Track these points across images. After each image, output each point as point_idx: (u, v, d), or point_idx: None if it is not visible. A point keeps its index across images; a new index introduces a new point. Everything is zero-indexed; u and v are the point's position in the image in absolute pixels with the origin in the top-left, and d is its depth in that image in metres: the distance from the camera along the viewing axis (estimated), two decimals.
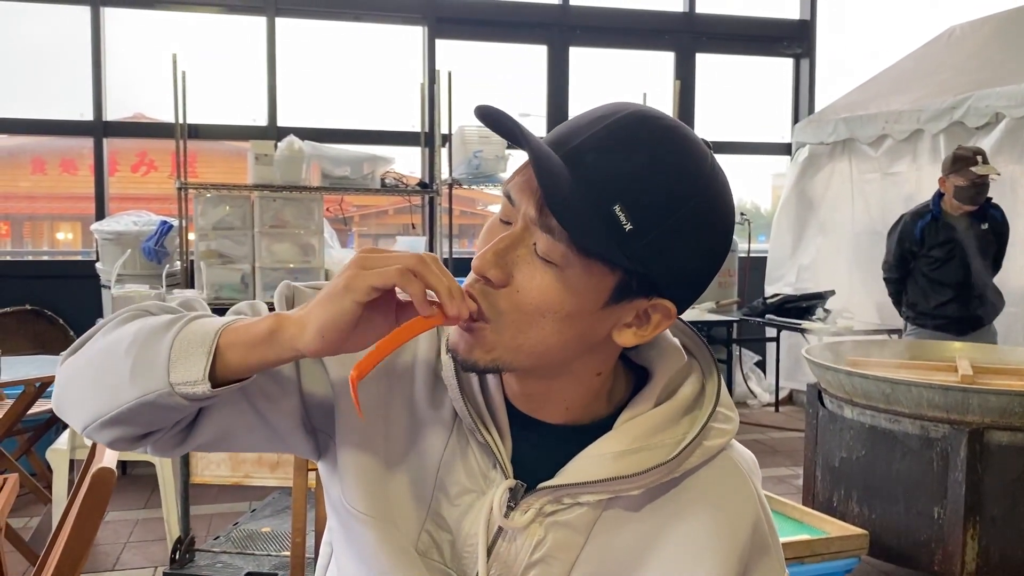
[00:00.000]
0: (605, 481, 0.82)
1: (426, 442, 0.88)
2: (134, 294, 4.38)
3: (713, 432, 0.86)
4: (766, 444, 5.06)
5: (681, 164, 0.76)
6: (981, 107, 4.63)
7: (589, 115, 0.79)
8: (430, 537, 0.88)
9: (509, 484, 0.85)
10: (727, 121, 6.59)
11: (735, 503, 0.88)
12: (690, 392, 0.87)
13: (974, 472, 2.70)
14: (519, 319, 0.78)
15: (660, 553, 0.86)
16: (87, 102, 5.46)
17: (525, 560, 0.86)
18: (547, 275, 0.76)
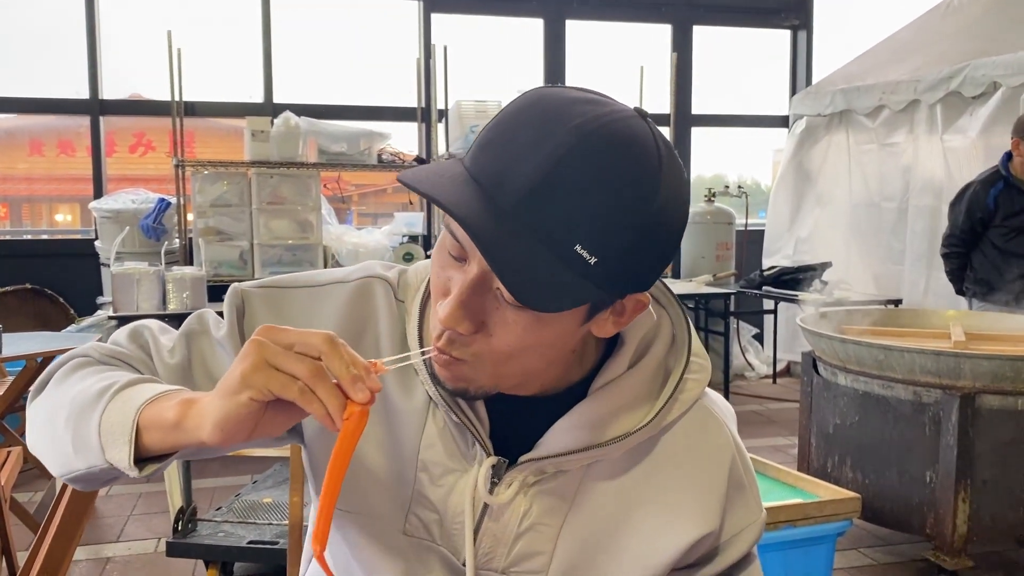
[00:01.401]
0: (585, 450, 0.83)
1: (402, 428, 0.88)
2: (133, 271, 4.40)
3: (688, 384, 0.87)
4: (763, 415, 5.10)
5: (634, 183, 0.70)
6: (978, 76, 4.62)
7: (522, 135, 0.71)
8: (418, 518, 0.88)
9: (491, 462, 0.84)
10: (725, 94, 6.57)
11: (713, 451, 0.90)
12: (662, 349, 0.87)
13: (965, 436, 2.73)
14: (498, 359, 0.77)
15: (645, 508, 0.87)
16: (83, 81, 5.46)
17: (513, 532, 0.87)
18: (519, 317, 0.74)
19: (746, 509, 0.91)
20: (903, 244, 5.30)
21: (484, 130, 0.75)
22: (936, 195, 5.03)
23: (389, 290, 0.90)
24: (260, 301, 0.91)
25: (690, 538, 0.87)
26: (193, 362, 0.90)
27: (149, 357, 0.90)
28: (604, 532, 0.87)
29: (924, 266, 5.12)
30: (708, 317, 5.68)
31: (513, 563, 0.88)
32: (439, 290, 0.77)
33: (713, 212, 5.95)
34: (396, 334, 0.89)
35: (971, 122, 4.74)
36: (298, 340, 0.69)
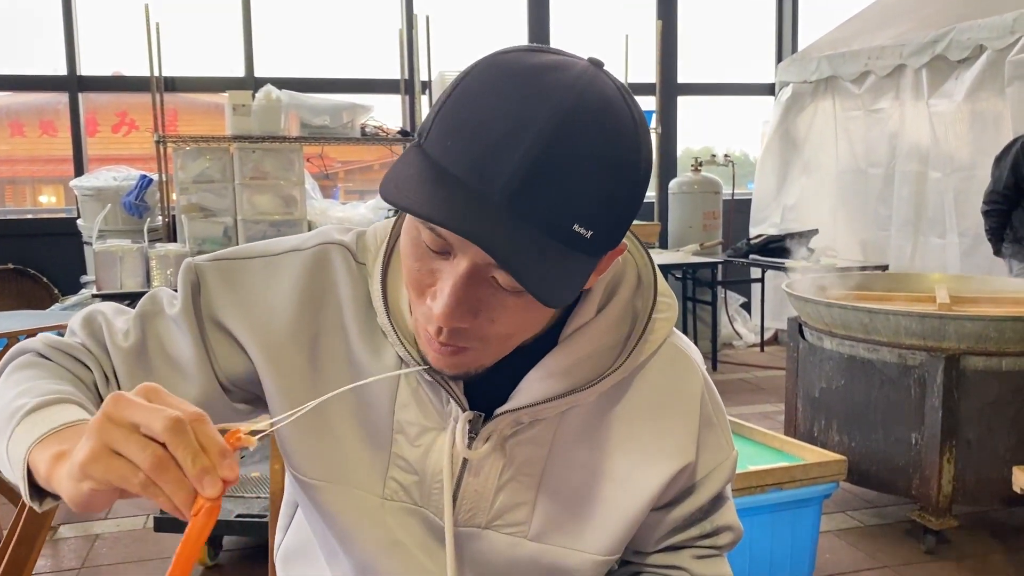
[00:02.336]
0: (560, 397, 0.82)
1: (373, 391, 0.86)
2: (116, 249, 4.36)
3: (657, 324, 0.86)
4: (751, 383, 5.11)
5: (620, 150, 0.70)
6: (963, 40, 4.60)
7: (496, 120, 0.67)
8: (396, 482, 0.87)
9: (468, 417, 0.84)
10: (710, 62, 6.53)
11: (684, 388, 0.90)
12: (628, 292, 0.86)
13: (950, 398, 2.74)
14: (503, 339, 0.77)
15: (621, 449, 0.88)
16: (61, 58, 5.38)
17: (494, 485, 0.86)
18: (519, 303, 0.73)
19: (718, 447, 0.92)
20: (890, 210, 5.30)
21: (444, 110, 0.70)
22: (922, 160, 5.03)
23: (348, 255, 0.88)
24: (215, 275, 0.88)
25: (667, 473, 0.87)
26: (148, 344, 0.87)
27: (101, 344, 0.88)
28: (583, 477, 0.87)
29: (911, 232, 5.12)
30: (696, 287, 5.68)
31: (496, 517, 0.87)
32: (420, 283, 0.74)
33: (700, 181, 5.92)
34: (359, 298, 0.87)
35: (957, 86, 4.72)
36: (144, 421, 0.61)
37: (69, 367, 0.85)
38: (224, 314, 0.87)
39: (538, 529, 0.87)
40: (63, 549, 3.02)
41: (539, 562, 0.88)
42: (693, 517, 0.93)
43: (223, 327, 0.88)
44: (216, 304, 0.88)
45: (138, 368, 0.86)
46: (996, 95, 4.47)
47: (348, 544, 0.90)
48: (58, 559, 2.94)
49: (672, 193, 6.02)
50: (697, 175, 5.95)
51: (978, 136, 4.64)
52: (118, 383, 0.86)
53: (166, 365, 0.87)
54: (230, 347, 0.88)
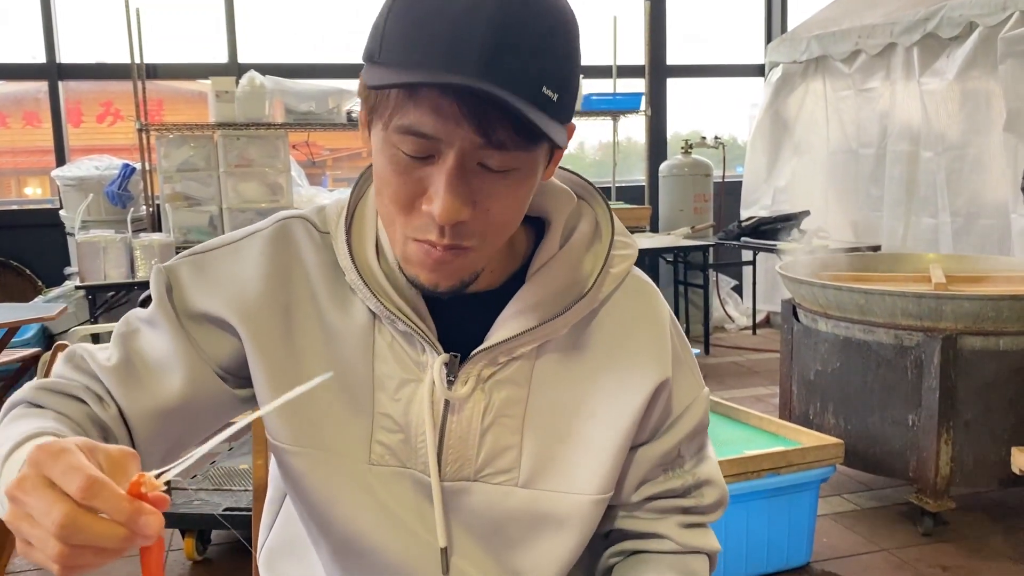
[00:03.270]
0: (533, 329, 0.84)
1: (349, 351, 0.87)
2: (99, 239, 4.29)
3: (617, 259, 0.90)
4: (744, 366, 5.08)
5: (565, 16, 0.74)
6: (954, 17, 4.55)
7: (448, 9, 0.69)
8: (382, 445, 0.87)
9: (443, 359, 0.84)
10: (700, 43, 6.47)
11: (653, 311, 0.93)
12: (588, 228, 0.90)
13: (947, 378, 2.71)
14: (501, 230, 0.78)
15: (599, 377, 0.89)
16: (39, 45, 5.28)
17: (478, 428, 0.86)
18: (508, 183, 0.75)
19: (689, 385, 0.94)
20: (881, 190, 5.27)
21: (393, 16, 0.72)
22: (913, 140, 4.99)
23: (309, 226, 0.90)
24: (184, 270, 0.90)
25: (647, 389, 0.89)
26: (132, 359, 0.88)
27: (89, 373, 0.88)
28: (566, 416, 0.88)
29: (903, 212, 5.09)
30: (687, 270, 5.64)
31: (484, 465, 0.87)
32: (409, 196, 0.75)
33: (690, 164, 5.88)
34: (325, 263, 0.88)
35: (948, 64, 4.68)
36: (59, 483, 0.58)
37: (57, 407, 0.83)
38: (200, 301, 0.88)
39: (528, 475, 0.88)
40: None
41: (533, 510, 0.88)
42: (672, 457, 0.93)
43: (202, 314, 0.88)
44: (189, 295, 0.89)
45: (129, 381, 0.86)
46: (988, 73, 4.43)
47: (333, 516, 0.88)
48: None
49: (662, 176, 5.97)
50: (687, 158, 5.90)
51: (970, 115, 4.60)
52: (115, 402, 0.86)
53: (152, 369, 0.87)
54: (212, 332, 0.88)
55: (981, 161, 4.54)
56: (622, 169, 6.32)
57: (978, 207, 4.56)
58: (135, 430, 0.85)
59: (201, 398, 0.88)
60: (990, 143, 4.47)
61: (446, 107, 0.69)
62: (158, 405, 0.86)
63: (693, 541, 0.94)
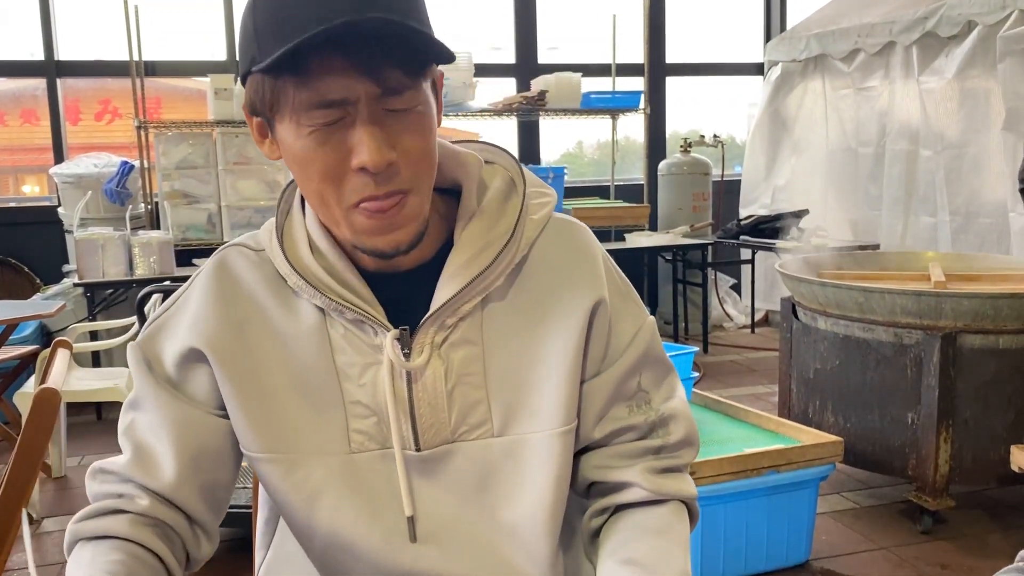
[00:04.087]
0: (469, 284, 0.89)
1: (306, 351, 0.91)
2: (97, 237, 4.28)
3: (535, 207, 0.95)
4: (743, 364, 5.09)
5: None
6: (954, 16, 4.55)
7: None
8: (359, 433, 0.91)
9: (394, 334, 0.89)
10: (699, 41, 6.47)
11: (579, 241, 0.97)
12: (501, 184, 0.95)
13: (947, 376, 2.71)
14: (425, 165, 0.84)
15: (544, 317, 0.93)
16: (37, 42, 5.27)
17: (443, 392, 0.90)
18: (414, 120, 0.82)
19: (632, 312, 0.98)
20: (880, 189, 5.27)
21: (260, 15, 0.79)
22: (912, 139, 4.99)
23: (243, 249, 0.96)
24: (152, 337, 0.95)
25: (584, 310, 0.93)
26: (138, 448, 0.92)
27: (114, 478, 0.93)
28: (521, 360, 0.92)
29: (901, 211, 5.10)
30: (686, 268, 5.64)
31: (458, 424, 0.91)
32: (335, 163, 0.81)
33: (689, 163, 5.88)
34: (265, 278, 0.93)
35: (947, 63, 4.68)
36: None
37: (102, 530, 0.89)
38: (173, 350, 0.93)
39: (500, 423, 0.92)
40: (47, 543, 2.96)
41: (511, 456, 0.92)
42: (632, 390, 0.95)
43: (179, 361, 0.93)
44: (164, 354, 0.94)
45: (145, 467, 0.91)
46: (987, 72, 4.43)
47: (315, 519, 0.91)
48: (42, 553, 2.89)
49: (661, 175, 5.97)
50: (686, 156, 5.90)
51: (969, 113, 4.60)
52: (145, 489, 0.91)
53: (155, 447, 0.92)
54: (195, 372, 0.93)
55: (980, 160, 4.54)
56: (621, 168, 6.32)
57: (977, 206, 4.56)
58: (174, 500, 0.91)
59: (209, 443, 0.92)
60: (989, 142, 4.47)
61: (338, 67, 0.76)
62: (177, 472, 0.90)
63: (665, 487, 0.94)
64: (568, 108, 5.40)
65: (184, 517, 0.92)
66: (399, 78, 0.78)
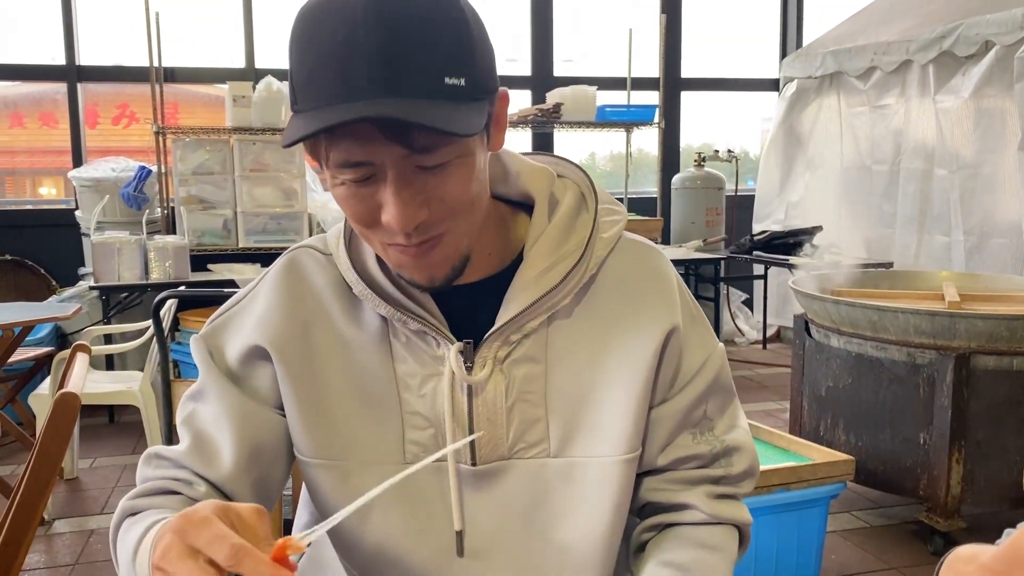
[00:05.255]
0: (537, 302, 0.88)
1: (368, 358, 0.91)
2: (114, 240, 4.32)
3: (606, 224, 0.94)
4: (754, 380, 5.08)
5: (440, 5, 0.75)
6: (971, 35, 4.55)
7: (329, 33, 0.73)
8: (415, 444, 0.91)
9: (458, 347, 0.88)
10: (715, 57, 6.48)
11: (653, 264, 0.96)
12: (573, 200, 0.93)
13: (960, 397, 2.70)
14: (465, 209, 0.81)
15: (611, 336, 0.91)
16: (59, 47, 5.32)
17: (503, 408, 0.90)
18: (450, 173, 0.78)
19: (704, 338, 0.97)
20: (894, 207, 5.26)
21: (291, 72, 0.77)
22: (927, 158, 4.98)
23: (313, 252, 0.96)
24: (218, 331, 0.96)
25: (657, 339, 0.91)
26: (198, 437, 0.92)
27: (169, 463, 0.93)
28: (585, 382, 0.91)
29: (915, 229, 5.08)
30: (698, 283, 5.64)
31: (516, 441, 0.90)
32: (370, 215, 0.79)
33: (703, 177, 5.88)
34: (333, 282, 0.93)
35: (964, 82, 4.68)
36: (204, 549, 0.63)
37: (155, 505, 0.88)
38: (237, 346, 0.94)
39: (558, 444, 0.90)
40: (58, 544, 2.98)
41: (567, 477, 0.91)
42: (697, 418, 0.94)
43: (243, 356, 0.93)
44: (228, 348, 0.94)
45: (204, 456, 0.91)
46: (1003, 92, 4.43)
47: (364, 529, 0.90)
48: (52, 554, 2.90)
49: (675, 189, 5.97)
50: (700, 171, 5.91)
51: (984, 133, 4.59)
52: (202, 478, 0.90)
53: (215, 437, 0.91)
54: (257, 369, 0.93)
55: (995, 180, 4.53)
56: (634, 180, 6.33)
57: (991, 226, 4.55)
58: (228, 491, 0.90)
59: (267, 439, 0.92)
60: (1005, 162, 4.46)
61: (365, 133, 0.73)
62: (235, 464, 0.90)
63: (722, 512, 0.94)
64: (583, 121, 5.42)
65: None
66: (429, 138, 0.75)
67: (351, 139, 0.74)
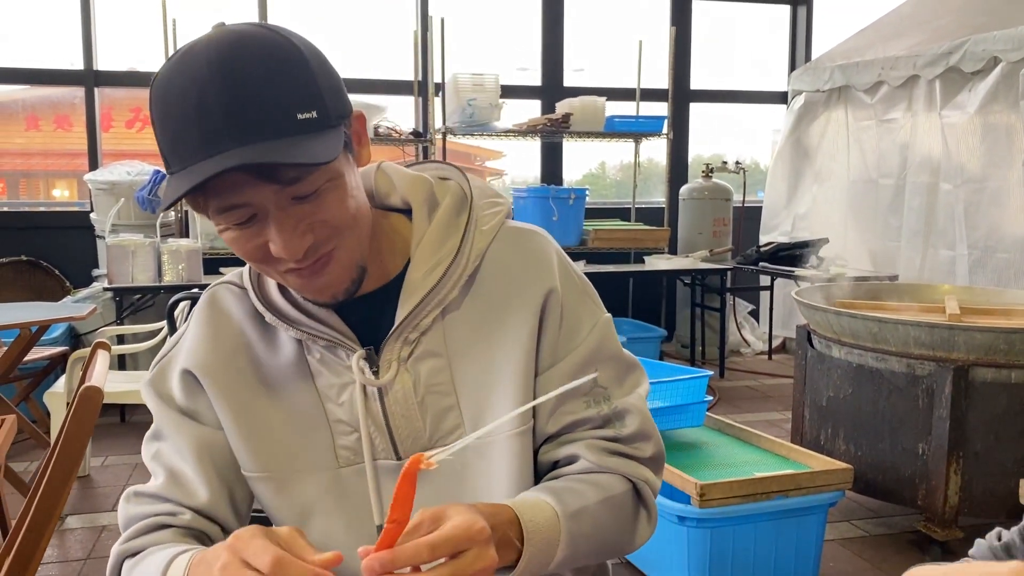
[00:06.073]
0: (424, 299, 0.95)
1: (290, 379, 0.98)
2: (128, 243, 4.39)
3: (486, 216, 1.01)
4: (758, 390, 5.11)
5: (279, 47, 0.82)
6: (978, 51, 4.59)
7: (179, 100, 0.80)
8: (345, 448, 0.98)
9: (360, 354, 0.95)
10: (724, 70, 6.53)
11: (533, 252, 1.01)
12: (451, 201, 1.00)
13: (958, 408, 2.74)
14: (349, 224, 0.88)
15: (501, 320, 0.98)
16: (77, 51, 5.41)
17: (414, 403, 0.96)
18: (325, 196, 0.84)
19: (588, 307, 1.03)
20: (900, 221, 5.29)
21: (158, 133, 0.84)
22: (933, 172, 5.02)
23: (230, 286, 1.04)
24: (162, 373, 1.03)
25: (536, 304, 0.98)
26: (171, 471, 0.99)
27: (150, 499, 0.99)
28: (483, 360, 0.97)
29: (920, 243, 5.12)
30: (704, 293, 5.68)
31: (433, 431, 0.97)
32: (257, 252, 0.86)
33: (710, 188, 5.93)
34: (249, 314, 1.01)
35: (970, 98, 4.72)
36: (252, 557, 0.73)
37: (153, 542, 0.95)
38: (179, 385, 1.01)
39: (472, 426, 0.97)
40: (70, 539, 3.04)
41: (483, 456, 0.97)
42: (589, 386, 0.99)
43: (188, 388, 1.00)
44: (174, 390, 1.01)
45: (180, 486, 0.98)
46: (1009, 107, 4.46)
47: (310, 531, 0.96)
48: (65, 549, 2.96)
49: (682, 199, 6.02)
50: (708, 182, 5.96)
51: (990, 149, 4.63)
52: (184, 506, 0.98)
53: (184, 469, 0.98)
54: (201, 399, 1.00)
55: (1000, 195, 4.57)
56: (643, 190, 6.38)
57: (996, 241, 4.58)
58: (211, 514, 0.98)
59: (228, 459, 1.00)
60: (1010, 177, 4.50)
61: (237, 179, 0.80)
62: (209, 490, 0.97)
63: (610, 463, 0.98)
64: (592, 131, 5.47)
65: (219, 528, 0.99)
66: (295, 171, 0.81)
67: (226, 188, 0.81)
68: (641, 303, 6.13)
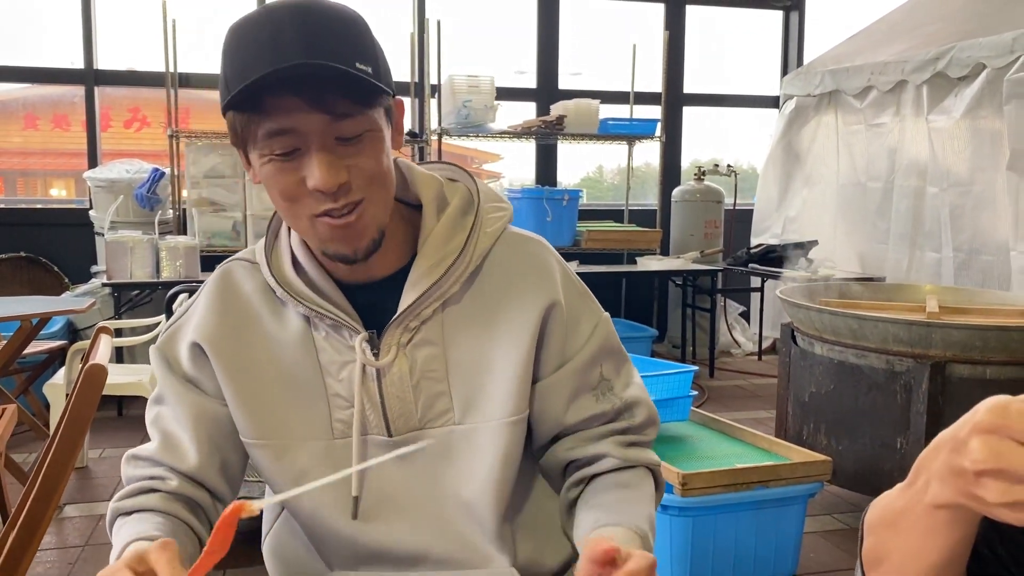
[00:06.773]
0: (427, 292, 1.01)
1: (294, 352, 1.05)
2: (127, 240, 4.45)
3: (490, 219, 1.07)
4: (747, 390, 5.18)
5: (354, 15, 0.92)
6: (963, 58, 4.67)
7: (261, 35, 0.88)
8: (340, 422, 1.05)
9: (363, 336, 1.02)
10: (716, 74, 6.61)
11: (535, 259, 1.09)
12: (459, 201, 1.07)
13: (935, 404, 2.81)
14: (378, 179, 0.95)
15: (499, 318, 1.05)
16: (78, 52, 5.48)
17: (409, 386, 1.04)
18: (365, 143, 0.92)
19: (590, 309, 1.11)
20: (888, 223, 5.37)
21: (226, 64, 0.91)
22: (920, 176, 5.10)
23: (242, 262, 1.10)
24: (170, 339, 1.09)
25: (537, 311, 1.05)
26: (166, 436, 1.07)
27: (146, 462, 1.07)
28: (477, 356, 1.04)
29: (907, 245, 5.20)
30: (695, 294, 5.75)
31: (424, 413, 1.04)
32: (294, 187, 0.92)
33: (702, 190, 6.00)
34: (260, 289, 1.07)
35: (956, 103, 4.80)
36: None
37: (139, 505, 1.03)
38: (186, 353, 1.07)
39: (461, 412, 1.04)
40: (67, 527, 3.10)
41: (470, 441, 1.04)
42: (595, 380, 1.08)
43: (192, 356, 1.06)
44: (180, 353, 1.08)
45: (173, 451, 1.06)
46: (994, 113, 4.54)
47: (300, 499, 1.04)
48: (62, 536, 3.03)
49: (674, 201, 6.10)
50: (700, 184, 6.03)
51: (975, 152, 4.71)
52: (174, 471, 1.05)
53: (179, 434, 1.06)
54: (206, 369, 1.06)
55: (985, 198, 4.65)
56: (638, 193, 6.46)
57: (980, 243, 4.66)
58: (199, 479, 1.06)
59: (224, 429, 1.07)
60: (994, 181, 4.58)
61: (290, 102, 0.88)
62: (199, 456, 1.05)
63: (632, 456, 1.09)
64: (585, 133, 5.55)
65: (207, 493, 1.07)
66: (347, 107, 0.89)
67: (280, 111, 0.88)
68: (633, 303, 6.21)
